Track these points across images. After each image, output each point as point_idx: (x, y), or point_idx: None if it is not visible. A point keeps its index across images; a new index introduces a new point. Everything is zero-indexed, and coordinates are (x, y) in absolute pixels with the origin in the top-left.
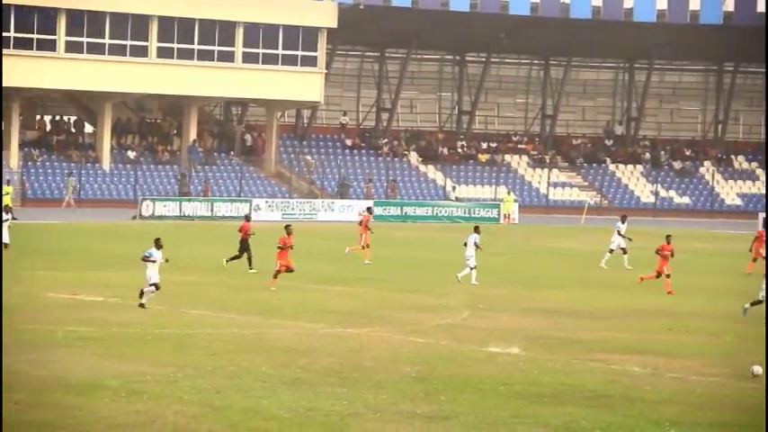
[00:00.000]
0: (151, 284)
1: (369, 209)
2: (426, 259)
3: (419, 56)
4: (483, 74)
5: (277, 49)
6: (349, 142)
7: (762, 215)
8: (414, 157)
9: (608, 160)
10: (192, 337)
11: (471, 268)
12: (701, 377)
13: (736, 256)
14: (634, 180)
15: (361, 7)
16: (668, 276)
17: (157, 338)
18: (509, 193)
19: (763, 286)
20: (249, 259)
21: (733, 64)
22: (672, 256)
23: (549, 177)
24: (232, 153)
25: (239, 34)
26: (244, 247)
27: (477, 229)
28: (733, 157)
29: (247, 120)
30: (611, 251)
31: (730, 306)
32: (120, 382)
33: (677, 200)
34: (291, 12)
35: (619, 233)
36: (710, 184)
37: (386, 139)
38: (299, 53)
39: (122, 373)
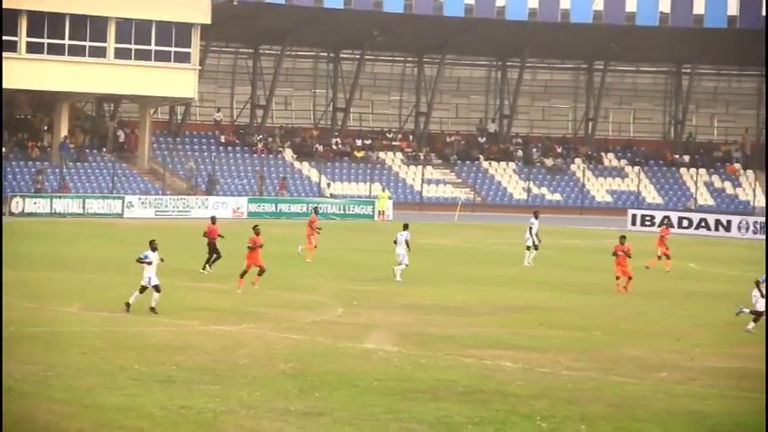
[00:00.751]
0: (152, 286)
1: (315, 209)
2: (301, 256)
3: (293, 52)
4: (357, 71)
5: (150, 44)
6: (223, 139)
7: (630, 211)
8: (288, 153)
9: (481, 157)
10: (63, 336)
11: (403, 265)
12: (571, 372)
13: (606, 253)
14: (507, 177)
15: (235, 3)
16: (629, 278)
17: (27, 337)
18: (383, 190)
19: (755, 293)
20: (209, 260)
21: (603, 62)
22: (629, 256)
23: (423, 174)
24: (104, 149)
25: (111, 29)
26: (212, 249)
27: (406, 227)
28: (603, 154)
29: (120, 116)
30: (530, 248)
31: (599, 301)
32: None
33: (549, 196)
34: (164, 7)
35: (530, 230)
36: (581, 181)
37: (260, 136)
38: (173, 49)
39: None
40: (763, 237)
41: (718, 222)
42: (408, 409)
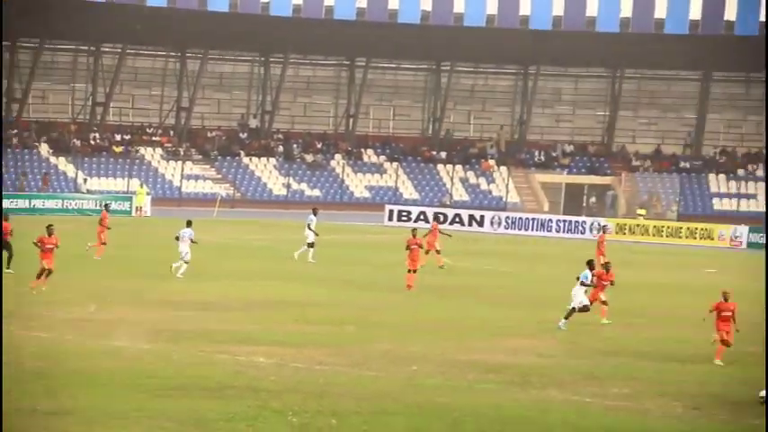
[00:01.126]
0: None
1: (106, 205)
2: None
3: (53, 46)
4: (118, 65)
5: None
6: None
7: (388, 207)
8: (44, 148)
9: (242, 153)
10: None
11: (185, 262)
12: (324, 367)
13: (366, 248)
14: (267, 173)
15: None
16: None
17: None
18: (142, 185)
19: (574, 291)
20: (9, 259)
21: (364, 59)
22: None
23: (182, 170)
24: None
25: None
26: (4, 246)
27: (189, 224)
28: (363, 150)
29: None
30: (311, 245)
31: (353, 296)
32: None
33: (308, 192)
34: None
35: (309, 227)
36: (341, 176)
37: (15, 131)
38: None
39: None
40: (514, 231)
41: (471, 218)
42: (159, 407)
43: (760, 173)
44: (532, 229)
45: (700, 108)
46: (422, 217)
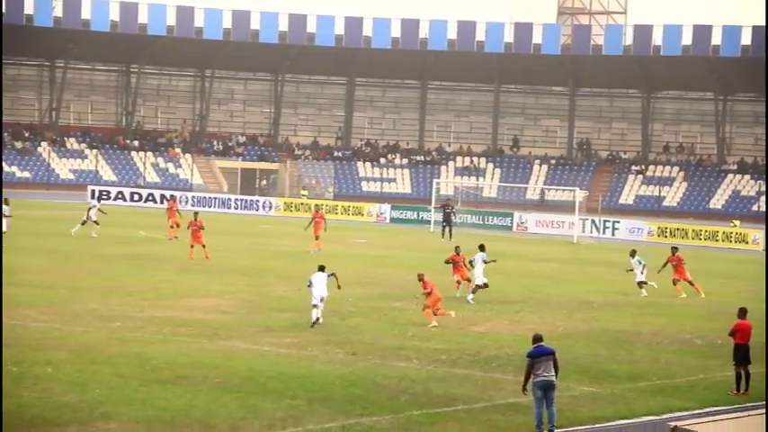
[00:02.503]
0: None
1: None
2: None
3: None
4: None
5: None
6: None
7: (90, 187)
8: None
9: None
10: None
11: None
12: (39, 323)
13: (72, 223)
14: None
15: None
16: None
17: None
18: None
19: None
20: None
21: (63, 61)
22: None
23: None
24: None
25: None
26: None
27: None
28: (66, 139)
29: None
30: (96, 222)
31: (64, 264)
32: None
33: (19, 174)
34: None
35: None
36: (47, 161)
37: None
38: None
39: None
40: (200, 208)
41: (162, 196)
42: None
43: (397, 161)
44: (215, 207)
45: (347, 107)
46: (119, 196)
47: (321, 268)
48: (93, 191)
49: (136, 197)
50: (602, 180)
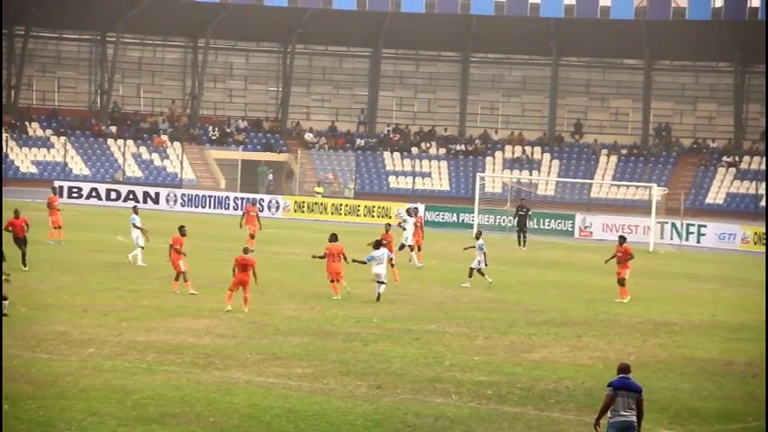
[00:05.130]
0: None
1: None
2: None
3: None
4: None
5: None
6: None
7: (57, 183)
8: None
9: None
10: None
11: None
12: None
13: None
14: None
15: None
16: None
17: None
18: None
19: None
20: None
21: (24, 29)
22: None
23: None
24: None
25: None
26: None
27: None
28: (27, 123)
29: None
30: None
31: (30, 276)
32: None
33: None
34: None
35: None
36: (5, 150)
37: None
38: None
39: None
40: (191, 209)
41: (146, 194)
42: None
43: (433, 151)
44: (210, 207)
45: (371, 85)
46: (93, 193)
47: (334, 238)
48: (60, 187)
49: (113, 195)
50: (685, 174)
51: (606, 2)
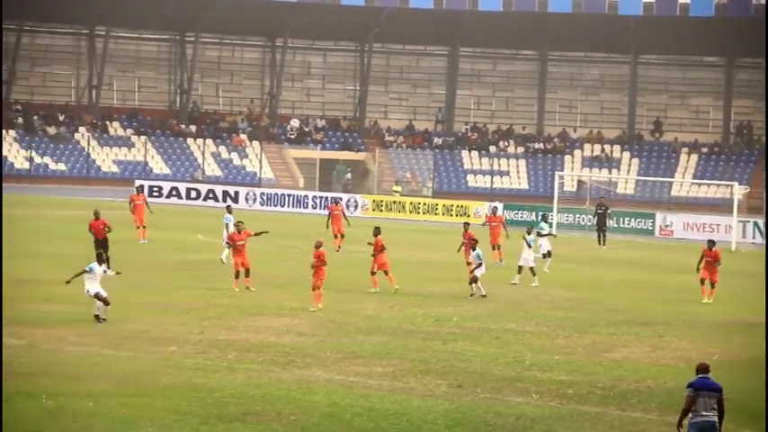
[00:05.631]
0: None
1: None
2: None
3: None
4: None
5: None
6: None
7: (138, 182)
8: None
9: None
10: None
11: None
12: (78, 347)
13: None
14: (7, 145)
15: None
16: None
17: None
18: None
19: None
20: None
21: (105, 29)
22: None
23: None
24: None
25: None
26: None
27: None
28: (108, 123)
29: None
30: None
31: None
32: None
33: (53, 166)
34: None
35: (227, 227)
36: (86, 150)
37: None
38: None
39: None
40: (270, 208)
41: (225, 193)
42: None
43: (511, 150)
44: (288, 206)
45: (449, 84)
46: (174, 192)
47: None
48: (140, 186)
49: (193, 194)
50: None
51: None
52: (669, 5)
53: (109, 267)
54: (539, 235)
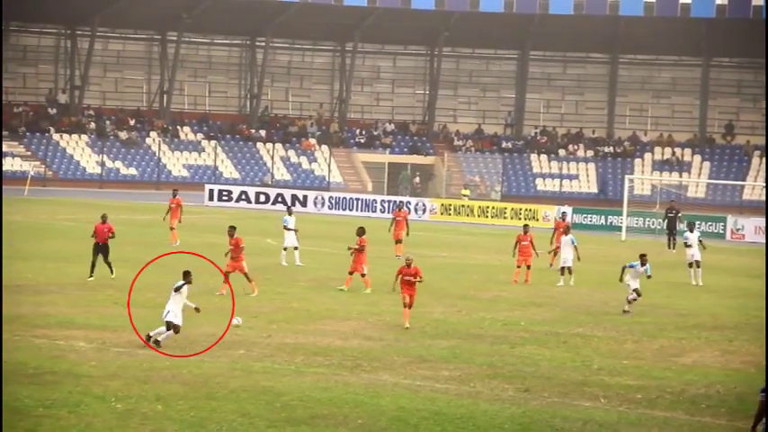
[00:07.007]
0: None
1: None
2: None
3: None
4: None
5: None
6: None
7: (208, 186)
8: None
9: (52, 129)
10: None
11: None
12: (147, 350)
13: (186, 229)
14: (79, 150)
15: None
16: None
17: None
18: None
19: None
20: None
21: (176, 33)
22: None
23: None
24: None
25: None
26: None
27: None
28: (179, 127)
29: None
30: (295, 248)
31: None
32: None
33: (124, 171)
34: None
35: (286, 227)
36: (157, 155)
37: None
38: None
39: None
40: (338, 211)
41: (294, 197)
42: None
43: (580, 153)
44: (357, 210)
45: (518, 88)
46: (243, 197)
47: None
48: (210, 190)
49: (262, 198)
50: None
51: (759, 1)
52: (742, 7)
53: (111, 272)
54: (685, 246)
